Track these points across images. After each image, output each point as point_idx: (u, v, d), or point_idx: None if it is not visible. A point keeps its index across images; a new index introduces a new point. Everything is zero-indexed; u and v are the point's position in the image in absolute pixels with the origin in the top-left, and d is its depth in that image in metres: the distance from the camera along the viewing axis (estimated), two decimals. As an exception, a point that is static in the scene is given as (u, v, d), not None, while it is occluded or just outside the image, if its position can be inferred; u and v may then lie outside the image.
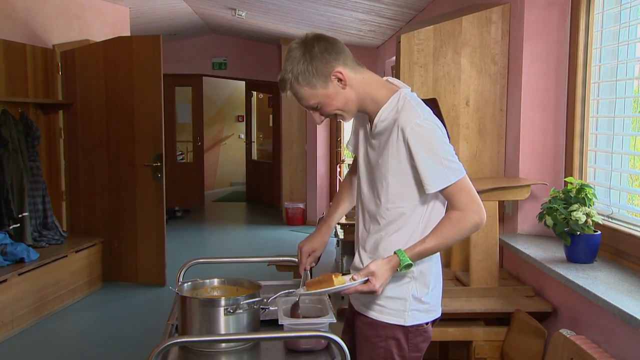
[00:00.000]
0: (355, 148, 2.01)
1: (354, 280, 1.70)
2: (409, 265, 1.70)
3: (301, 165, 8.98)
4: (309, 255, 2.04)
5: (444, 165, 1.70)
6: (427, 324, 1.86)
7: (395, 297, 1.82)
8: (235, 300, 1.79)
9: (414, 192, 1.78)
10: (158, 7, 7.10)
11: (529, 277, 2.84)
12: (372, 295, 1.77)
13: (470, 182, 1.75)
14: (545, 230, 2.71)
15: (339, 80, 1.74)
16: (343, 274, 1.76)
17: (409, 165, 1.75)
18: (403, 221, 1.81)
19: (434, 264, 1.87)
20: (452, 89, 3.07)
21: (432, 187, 1.72)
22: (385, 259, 1.72)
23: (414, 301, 1.82)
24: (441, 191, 1.74)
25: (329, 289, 1.71)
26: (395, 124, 1.74)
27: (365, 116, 1.90)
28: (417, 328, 1.83)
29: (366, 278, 1.69)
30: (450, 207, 1.76)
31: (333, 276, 1.73)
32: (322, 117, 1.83)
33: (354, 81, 1.77)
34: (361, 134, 1.95)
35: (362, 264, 1.89)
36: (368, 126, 1.89)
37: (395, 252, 1.72)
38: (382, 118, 1.79)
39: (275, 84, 10.73)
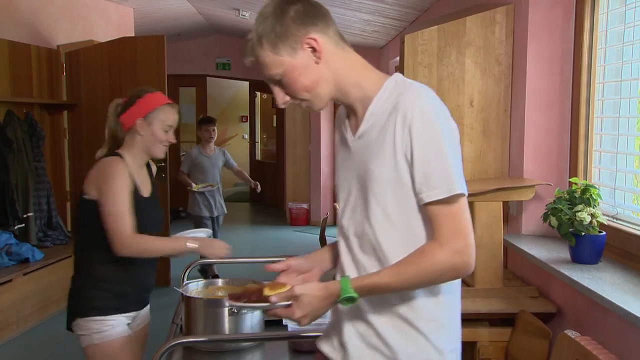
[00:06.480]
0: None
1: (272, 302, 1.31)
2: (352, 299, 1.28)
3: (305, 166, 8.98)
4: (293, 273, 1.56)
5: (452, 171, 1.28)
6: None
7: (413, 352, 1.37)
8: (239, 301, 1.79)
9: (413, 205, 1.33)
10: (162, 8, 7.12)
11: (533, 277, 2.83)
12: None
13: (468, 213, 1.32)
14: (550, 230, 2.70)
15: (313, 50, 1.35)
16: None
17: (406, 167, 1.30)
18: (403, 245, 1.33)
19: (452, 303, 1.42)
20: (456, 89, 3.07)
21: (428, 194, 1.28)
22: (320, 284, 1.33)
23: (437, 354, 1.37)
24: (428, 205, 1.29)
25: (251, 304, 1.38)
26: (394, 110, 1.31)
27: (342, 116, 1.49)
28: None
29: (289, 302, 1.32)
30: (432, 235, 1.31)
31: (266, 289, 1.37)
32: (287, 99, 1.40)
33: (331, 57, 1.37)
34: (337, 139, 1.52)
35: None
36: (348, 125, 1.45)
37: (340, 279, 1.32)
38: (374, 110, 1.36)
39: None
